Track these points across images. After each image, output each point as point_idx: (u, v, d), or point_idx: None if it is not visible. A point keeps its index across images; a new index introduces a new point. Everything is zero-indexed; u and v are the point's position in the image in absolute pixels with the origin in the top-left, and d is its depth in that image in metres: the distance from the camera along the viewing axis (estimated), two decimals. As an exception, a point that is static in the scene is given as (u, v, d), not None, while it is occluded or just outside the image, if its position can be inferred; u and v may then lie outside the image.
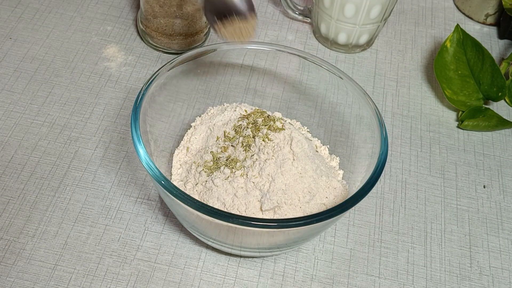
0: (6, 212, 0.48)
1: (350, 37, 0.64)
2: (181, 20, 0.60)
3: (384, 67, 0.65)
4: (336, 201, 0.46)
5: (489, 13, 0.71)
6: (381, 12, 0.62)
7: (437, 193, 0.54)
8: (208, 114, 0.52)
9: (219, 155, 0.47)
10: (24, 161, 0.52)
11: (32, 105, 0.56)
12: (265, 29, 0.68)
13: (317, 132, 0.54)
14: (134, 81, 0.60)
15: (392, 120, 0.60)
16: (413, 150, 0.57)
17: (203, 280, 0.46)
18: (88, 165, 0.52)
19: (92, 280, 0.45)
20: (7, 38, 0.63)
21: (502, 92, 0.59)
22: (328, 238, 0.50)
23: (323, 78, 0.52)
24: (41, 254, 0.46)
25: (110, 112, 0.57)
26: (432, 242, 0.50)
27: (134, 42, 0.64)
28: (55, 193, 0.50)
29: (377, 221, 0.51)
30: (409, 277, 0.48)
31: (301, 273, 0.47)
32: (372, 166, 0.44)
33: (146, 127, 0.46)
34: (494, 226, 0.52)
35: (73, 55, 0.62)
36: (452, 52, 0.60)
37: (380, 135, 0.46)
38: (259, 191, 0.44)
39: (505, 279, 0.49)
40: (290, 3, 0.67)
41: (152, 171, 0.41)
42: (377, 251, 0.49)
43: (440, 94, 0.63)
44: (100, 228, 0.48)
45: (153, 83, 0.47)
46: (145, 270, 0.46)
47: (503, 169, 0.57)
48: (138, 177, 0.52)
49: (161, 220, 0.49)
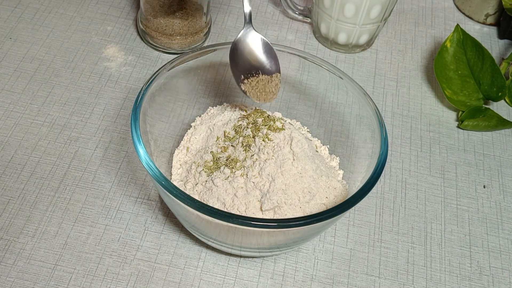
0: (6, 212, 0.48)
1: (350, 37, 0.64)
2: (181, 20, 0.60)
3: (384, 67, 0.65)
4: (336, 201, 0.46)
5: (489, 13, 0.71)
6: (381, 12, 0.62)
7: (437, 193, 0.54)
8: (208, 114, 0.52)
9: (219, 155, 0.47)
10: (24, 161, 0.52)
11: (32, 105, 0.56)
12: (265, 29, 0.68)
13: (317, 132, 0.54)
14: (134, 81, 0.60)
15: (392, 120, 0.60)
16: (413, 150, 0.57)
17: (203, 280, 0.46)
18: (88, 165, 0.52)
19: (92, 280, 0.45)
20: (7, 38, 0.63)
21: (502, 92, 0.59)
22: (328, 238, 0.50)
23: (323, 78, 0.52)
24: (41, 254, 0.46)
25: (110, 112, 0.57)
26: (432, 242, 0.50)
27: (134, 42, 0.64)
28: (55, 193, 0.50)
29: (377, 221, 0.51)
30: (409, 277, 0.48)
31: (301, 273, 0.47)
32: (372, 166, 0.44)
33: (146, 127, 0.46)
34: (494, 226, 0.52)
35: (73, 55, 0.62)
36: (452, 52, 0.60)
37: (380, 135, 0.46)
38: (259, 191, 0.44)
39: (505, 279, 0.49)
40: (290, 3, 0.67)
41: (152, 171, 0.41)
42: (377, 251, 0.49)
43: (440, 94, 0.63)
44: (100, 228, 0.48)
45: (153, 83, 0.47)
46: (145, 270, 0.46)
47: (503, 169, 0.57)
48: (138, 177, 0.52)
49: (161, 220, 0.49)
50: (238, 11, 0.69)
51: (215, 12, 0.69)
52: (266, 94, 0.48)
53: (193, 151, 0.50)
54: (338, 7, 0.61)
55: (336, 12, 0.62)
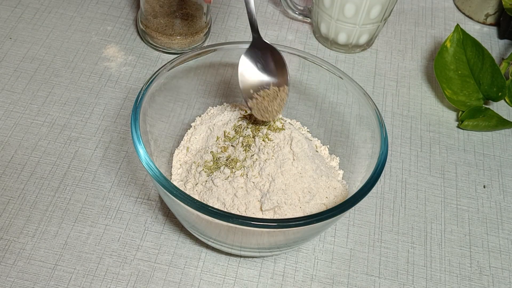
0: (6, 212, 0.48)
1: (350, 37, 0.64)
2: (181, 20, 0.60)
3: (384, 67, 0.65)
4: (336, 201, 0.46)
5: (489, 13, 0.71)
6: (381, 12, 0.62)
7: (437, 193, 0.54)
8: (208, 114, 0.52)
9: (219, 155, 0.47)
10: (24, 161, 0.52)
11: (32, 105, 0.56)
12: (265, 29, 0.68)
13: (317, 132, 0.54)
14: (134, 81, 0.60)
15: (392, 120, 0.60)
16: (413, 150, 0.57)
17: (203, 280, 0.46)
18: (88, 165, 0.52)
19: (92, 280, 0.45)
20: (7, 38, 0.63)
21: (502, 92, 0.59)
22: (328, 238, 0.50)
23: (323, 78, 0.52)
24: (41, 254, 0.46)
25: (110, 112, 0.57)
26: (432, 242, 0.50)
27: (134, 42, 0.64)
28: (55, 193, 0.50)
29: (377, 221, 0.51)
30: (409, 277, 0.48)
31: (301, 273, 0.47)
32: (372, 166, 0.44)
33: (146, 127, 0.46)
34: (494, 226, 0.52)
35: (73, 55, 0.62)
36: (452, 52, 0.60)
37: (380, 135, 0.45)
38: (259, 191, 0.44)
39: (505, 279, 0.49)
40: (290, 3, 0.67)
41: (152, 171, 0.41)
42: (377, 251, 0.49)
43: (440, 94, 0.63)
44: (100, 228, 0.48)
45: (153, 83, 0.47)
46: (145, 270, 0.46)
47: (503, 169, 0.57)
48: (138, 177, 0.52)
49: (161, 220, 0.49)
50: (238, 11, 0.69)
51: (215, 12, 0.69)
52: (269, 113, 0.47)
53: (193, 151, 0.50)
54: (338, 7, 0.61)
55: (336, 12, 0.62)
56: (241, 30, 0.67)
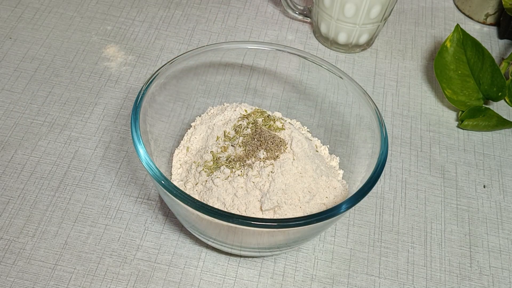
0: (6, 212, 0.48)
1: (350, 37, 0.64)
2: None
3: (384, 67, 0.65)
4: (336, 201, 0.46)
5: (489, 13, 0.71)
6: (381, 12, 0.62)
7: (437, 193, 0.54)
8: (208, 114, 0.52)
9: (219, 155, 0.47)
10: (24, 161, 0.52)
11: (32, 105, 0.56)
12: (265, 29, 0.68)
13: (317, 132, 0.54)
14: (134, 81, 0.60)
15: (392, 120, 0.60)
16: (413, 150, 0.57)
17: (203, 280, 0.46)
18: (88, 165, 0.52)
19: (92, 280, 0.45)
20: (7, 38, 0.63)
21: (502, 92, 0.59)
22: (328, 238, 0.50)
23: (323, 78, 0.52)
24: (41, 254, 0.46)
25: (110, 112, 0.57)
26: (432, 242, 0.50)
27: (134, 42, 0.64)
28: (55, 193, 0.50)
29: (377, 221, 0.51)
30: (409, 277, 0.48)
31: (301, 273, 0.47)
32: (372, 166, 0.44)
33: (146, 127, 0.46)
34: (494, 226, 0.52)
35: (73, 55, 0.62)
36: (452, 52, 0.60)
37: (380, 135, 0.45)
38: (259, 191, 0.44)
39: (505, 279, 0.49)
40: (290, 3, 0.67)
41: (152, 171, 0.41)
42: (377, 251, 0.49)
43: (440, 94, 0.63)
44: (100, 228, 0.48)
45: (153, 83, 0.47)
46: (145, 270, 0.46)
47: (503, 169, 0.57)
48: (138, 177, 0.52)
49: (161, 220, 0.49)
50: (238, 11, 0.69)
51: (215, 12, 0.69)
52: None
53: (193, 151, 0.50)
54: (338, 7, 0.61)
55: (336, 12, 0.62)
56: (241, 30, 0.67)
